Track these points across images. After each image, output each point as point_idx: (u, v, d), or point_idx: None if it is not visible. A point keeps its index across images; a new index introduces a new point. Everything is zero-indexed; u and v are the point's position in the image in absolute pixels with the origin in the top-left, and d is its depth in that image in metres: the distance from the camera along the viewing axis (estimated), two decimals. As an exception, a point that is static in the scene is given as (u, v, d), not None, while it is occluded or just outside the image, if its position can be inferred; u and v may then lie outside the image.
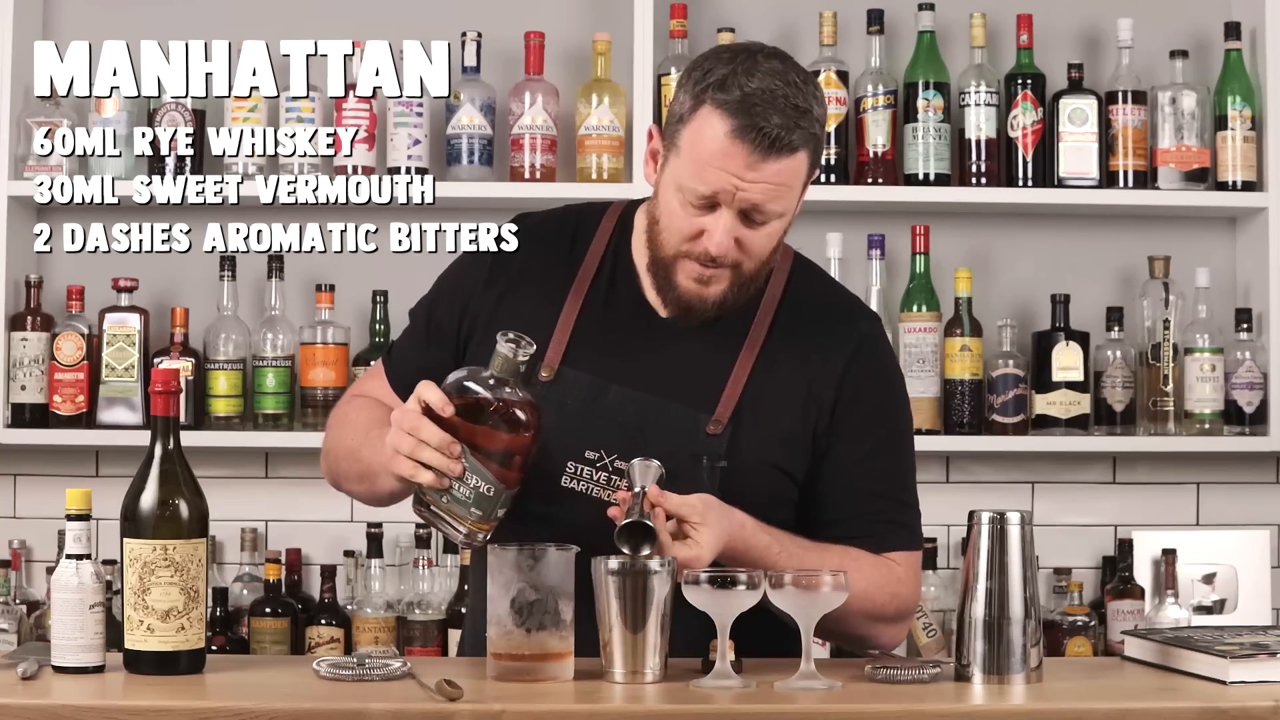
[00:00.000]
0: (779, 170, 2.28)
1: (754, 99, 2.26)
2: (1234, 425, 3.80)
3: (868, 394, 2.44)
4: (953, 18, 3.91)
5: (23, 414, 3.73)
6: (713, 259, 2.32)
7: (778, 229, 2.35)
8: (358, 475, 2.46)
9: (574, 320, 2.42)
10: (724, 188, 2.28)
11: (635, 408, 2.37)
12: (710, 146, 2.27)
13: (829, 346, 2.43)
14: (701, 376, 2.39)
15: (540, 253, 2.48)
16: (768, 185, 2.28)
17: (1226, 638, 2.29)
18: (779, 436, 2.40)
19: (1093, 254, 3.96)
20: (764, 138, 2.25)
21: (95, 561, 2.21)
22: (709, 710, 2.04)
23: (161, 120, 3.76)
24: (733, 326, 2.41)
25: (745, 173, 2.27)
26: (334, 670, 2.16)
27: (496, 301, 2.47)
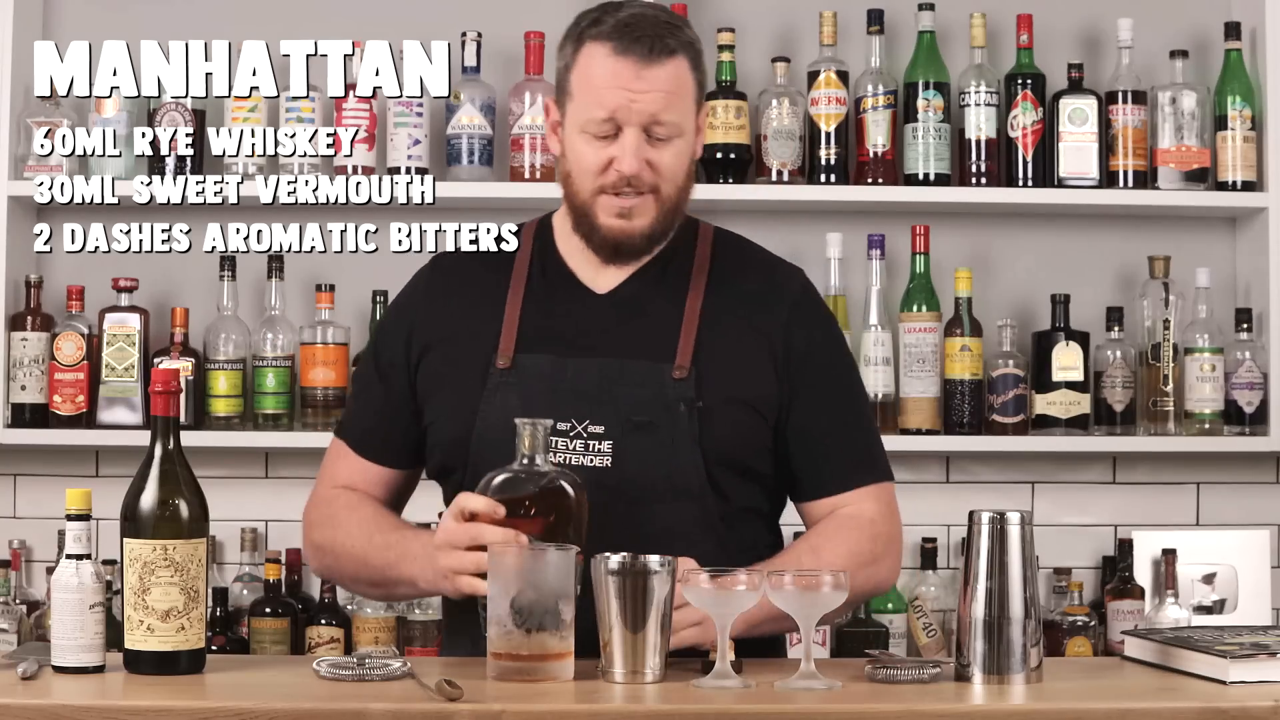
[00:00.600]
0: (665, 76, 2.40)
1: (626, 22, 2.42)
2: (1234, 425, 3.80)
3: (816, 348, 2.51)
4: (953, 18, 3.91)
5: (23, 414, 3.73)
6: (628, 182, 2.41)
7: (682, 148, 2.45)
8: (370, 582, 2.48)
9: (519, 312, 2.49)
10: (620, 103, 2.40)
11: (597, 374, 2.43)
12: (598, 72, 2.41)
13: (768, 295, 2.52)
14: (653, 333, 2.46)
15: (471, 273, 2.56)
16: (658, 92, 2.40)
17: (1226, 638, 2.29)
18: (741, 373, 2.46)
19: (1093, 254, 3.96)
20: (642, 46, 2.40)
21: (95, 561, 2.21)
22: (709, 710, 2.03)
23: (161, 120, 3.76)
24: (670, 285, 2.49)
25: (634, 83, 2.39)
26: (334, 670, 2.16)
27: (441, 318, 2.53)
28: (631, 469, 2.39)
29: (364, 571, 2.46)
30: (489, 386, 2.45)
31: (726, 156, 3.79)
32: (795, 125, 3.79)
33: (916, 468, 3.95)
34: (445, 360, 2.51)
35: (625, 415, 2.40)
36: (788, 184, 3.79)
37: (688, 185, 2.49)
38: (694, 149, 2.49)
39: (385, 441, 2.55)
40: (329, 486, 2.55)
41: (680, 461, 2.40)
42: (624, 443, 2.40)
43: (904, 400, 3.79)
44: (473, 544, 2.24)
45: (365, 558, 2.45)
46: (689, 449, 2.41)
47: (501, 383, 2.44)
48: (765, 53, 3.91)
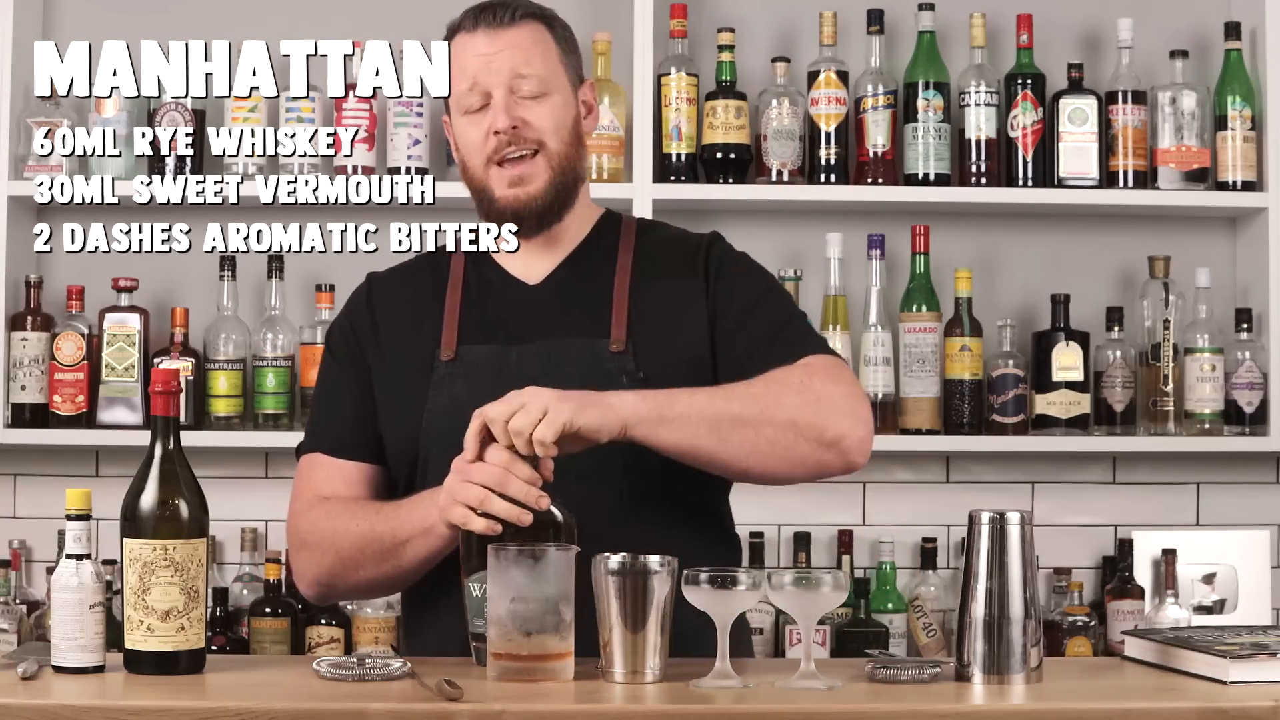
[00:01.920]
0: (515, 35, 2.50)
1: (479, 7, 2.53)
2: (1234, 425, 3.80)
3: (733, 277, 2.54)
4: (953, 18, 3.91)
5: (23, 414, 3.73)
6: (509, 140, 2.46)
7: (558, 104, 2.50)
8: (378, 555, 2.43)
9: (458, 309, 2.53)
10: (477, 70, 2.48)
11: (538, 358, 2.46)
12: (460, 54, 2.51)
13: (691, 260, 2.55)
14: (587, 314, 2.49)
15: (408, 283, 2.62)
16: (509, 50, 2.48)
17: (1226, 638, 2.29)
18: (677, 336, 2.48)
19: (1093, 254, 3.96)
20: (486, 15, 2.50)
21: (95, 561, 2.21)
22: (709, 710, 2.04)
23: (161, 120, 3.76)
24: (597, 269, 2.53)
25: (487, 47, 2.48)
26: (334, 670, 2.15)
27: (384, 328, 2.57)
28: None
29: (371, 546, 2.42)
30: (435, 378, 2.48)
31: (726, 156, 3.79)
32: (795, 125, 3.79)
33: (916, 468, 3.95)
34: (392, 360, 2.54)
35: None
36: (788, 184, 3.79)
37: (576, 146, 2.53)
38: (578, 115, 2.53)
39: (358, 434, 2.54)
40: (307, 502, 2.53)
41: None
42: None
43: (904, 400, 3.79)
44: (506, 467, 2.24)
45: (371, 531, 2.42)
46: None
47: (447, 374, 2.48)
48: (765, 53, 3.91)
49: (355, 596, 2.56)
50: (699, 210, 3.83)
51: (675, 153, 3.78)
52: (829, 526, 3.90)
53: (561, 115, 2.50)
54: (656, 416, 2.30)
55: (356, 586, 2.50)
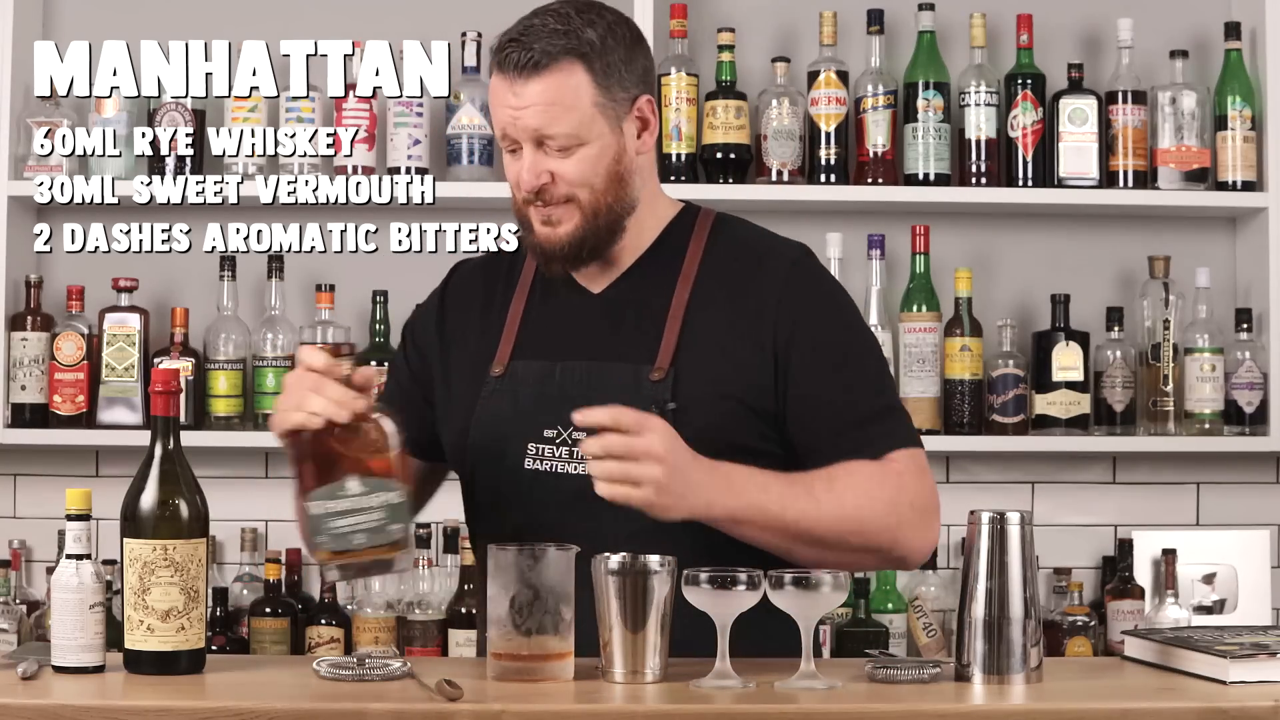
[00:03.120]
0: (539, 90, 2.36)
1: (514, 36, 2.38)
2: (1234, 425, 3.80)
3: (810, 322, 2.43)
4: (953, 18, 3.91)
5: (23, 414, 3.73)
6: (538, 194, 2.39)
7: (590, 155, 2.39)
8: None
9: (519, 319, 2.50)
10: (506, 123, 2.39)
11: (582, 378, 2.42)
12: (493, 90, 2.41)
13: (760, 280, 2.45)
14: (639, 333, 2.44)
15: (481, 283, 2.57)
16: (534, 107, 2.36)
17: (1226, 638, 2.29)
18: (727, 365, 2.41)
19: (1093, 254, 3.96)
20: (511, 62, 2.36)
21: (95, 561, 2.21)
22: (709, 710, 2.04)
23: (161, 120, 3.76)
24: (662, 281, 2.46)
25: (512, 100, 2.37)
26: (334, 670, 2.15)
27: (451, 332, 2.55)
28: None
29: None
30: (484, 393, 2.46)
31: (726, 156, 3.79)
32: (795, 125, 3.79)
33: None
34: (452, 368, 2.52)
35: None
36: (788, 184, 3.79)
37: (617, 188, 2.42)
38: (618, 150, 2.41)
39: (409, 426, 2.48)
40: None
41: None
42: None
43: (904, 400, 3.78)
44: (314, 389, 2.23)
45: None
46: None
47: (496, 389, 2.45)
48: (765, 53, 3.91)
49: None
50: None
51: (675, 153, 3.78)
52: (829, 526, 3.89)
53: (594, 164, 2.39)
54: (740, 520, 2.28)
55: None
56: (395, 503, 2.19)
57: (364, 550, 2.19)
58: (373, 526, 2.18)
